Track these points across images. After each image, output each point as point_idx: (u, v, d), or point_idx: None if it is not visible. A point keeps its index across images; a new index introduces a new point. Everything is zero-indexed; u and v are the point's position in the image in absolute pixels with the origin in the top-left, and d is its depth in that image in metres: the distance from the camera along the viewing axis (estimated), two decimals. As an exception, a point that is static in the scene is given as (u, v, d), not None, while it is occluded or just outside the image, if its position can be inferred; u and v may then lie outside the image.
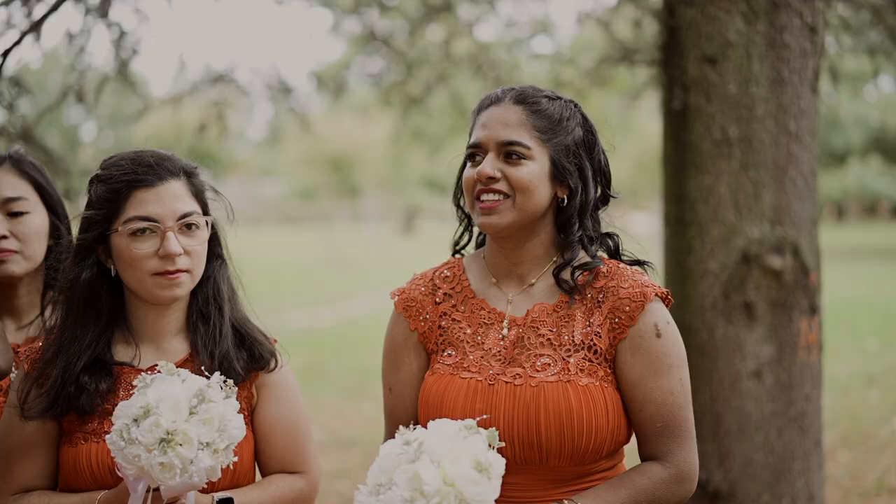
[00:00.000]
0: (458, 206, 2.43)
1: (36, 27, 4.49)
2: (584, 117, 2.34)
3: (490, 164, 2.25)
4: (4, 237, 2.55)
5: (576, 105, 2.34)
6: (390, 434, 2.33)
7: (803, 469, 3.94)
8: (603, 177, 2.35)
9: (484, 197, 2.26)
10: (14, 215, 2.58)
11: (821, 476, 4.03)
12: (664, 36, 4.06)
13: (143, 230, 2.20)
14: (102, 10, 5.10)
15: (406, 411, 2.38)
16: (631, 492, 2.19)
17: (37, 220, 2.61)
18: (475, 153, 2.30)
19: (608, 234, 2.38)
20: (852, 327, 12.72)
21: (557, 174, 2.28)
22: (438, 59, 7.98)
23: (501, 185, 2.25)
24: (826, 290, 4.16)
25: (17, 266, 2.57)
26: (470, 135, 2.34)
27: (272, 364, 2.34)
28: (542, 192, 2.26)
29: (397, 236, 38.18)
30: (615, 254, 2.38)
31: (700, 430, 3.95)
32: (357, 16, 7.71)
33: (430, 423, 1.91)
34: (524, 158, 2.25)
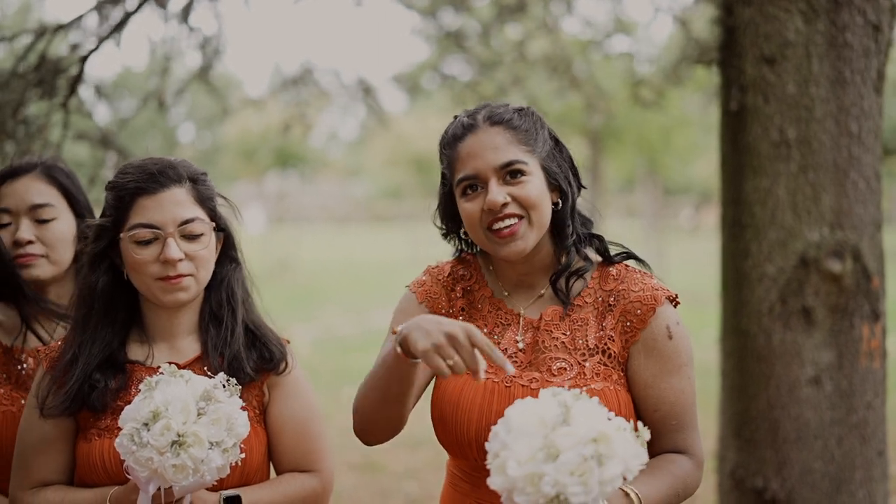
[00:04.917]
0: (447, 235, 2.41)
1: (111, 34, 4.65)
2: (541, 118, 2.32)
3: (497, 191, 2.20)
4: (31, 242, 2.65)
5: (529, 108, 2.30)
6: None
7: (865, 479, 3.83)
8: (574, 167, 2.34)
9: (498, 225, 2.22)
10: (41, 222, 2.67)
11: (885, 486, 3.92)
12: (721, 36, 3.99)
13: (145, 237, 2.27)
14: (184, 16, 5.24)
15: None
16: (669, 479, 2.21)
17: (63, 226, 2.69)
18: (472, 185, 2.24)
19: (593, 235, 2.35)
20: None
21: (550, 181, 2.27)
22: (513, 60, 7.95)
23: (513, 208, 2.21)
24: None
25: (42, 270, 2.67)
26: (452, 169, 2.29)
27: (282, 366, 2.38)
28: (546, 203, 2.26)
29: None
30: (604, 255, 2.34)
31: (758, 436, 3.90)
32: (433, 17, 7.74)
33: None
34: (525, 175, 2.22)
